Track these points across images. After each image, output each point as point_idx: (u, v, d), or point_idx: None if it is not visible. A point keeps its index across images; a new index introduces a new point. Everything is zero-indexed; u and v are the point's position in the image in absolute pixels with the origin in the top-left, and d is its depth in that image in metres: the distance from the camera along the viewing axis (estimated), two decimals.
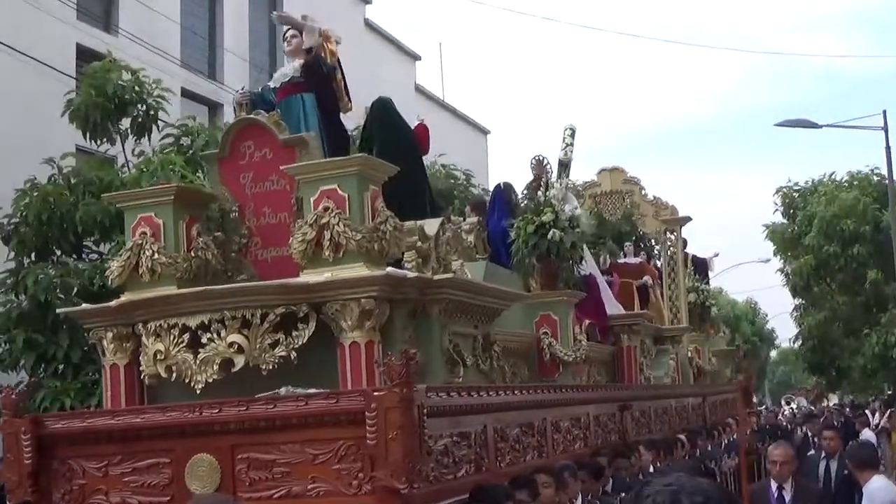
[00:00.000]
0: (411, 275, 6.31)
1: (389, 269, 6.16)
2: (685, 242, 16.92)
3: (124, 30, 16.27)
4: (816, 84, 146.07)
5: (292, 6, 21.08)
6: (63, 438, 6.03)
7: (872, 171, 26.11)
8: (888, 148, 20.70)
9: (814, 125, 20.86)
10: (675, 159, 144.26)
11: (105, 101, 11.94)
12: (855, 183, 26.25)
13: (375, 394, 5.23)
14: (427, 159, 17.71)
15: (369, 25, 25.18)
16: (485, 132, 32.08)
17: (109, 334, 6.69)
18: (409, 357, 5.26)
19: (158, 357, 6.21)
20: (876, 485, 7.38)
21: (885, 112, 20.63)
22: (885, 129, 20.57)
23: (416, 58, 27.84)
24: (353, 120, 8.92)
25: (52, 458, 6.03)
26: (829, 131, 21.21)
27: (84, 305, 6.83)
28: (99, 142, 12.51)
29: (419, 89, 27.47)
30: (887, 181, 21.78)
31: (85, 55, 15.24)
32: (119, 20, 16.41)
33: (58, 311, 6.86)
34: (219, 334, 6.04)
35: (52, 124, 13.77)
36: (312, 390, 5.81)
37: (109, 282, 6.83)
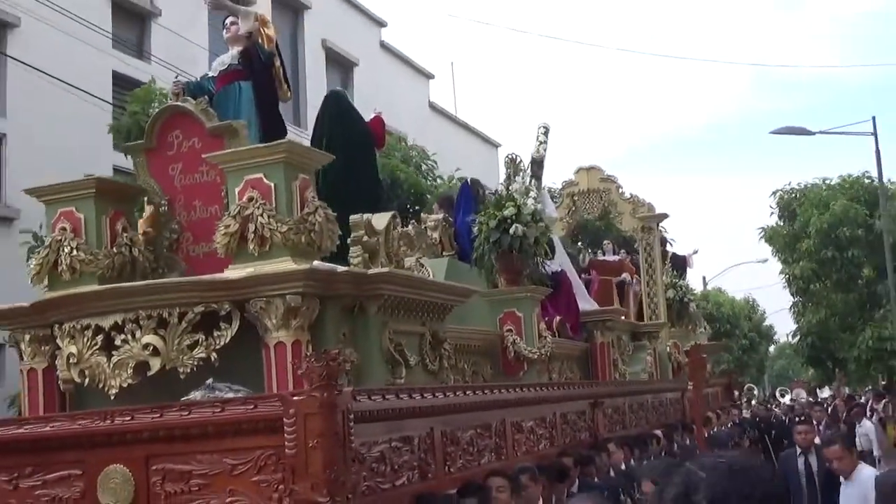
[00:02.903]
0: (340, 269, 5.52)
1: (316, 262, 5.37)
2: (664, 240, 16.19)
3: (156, 56, 15.89)
4: (809, 93, 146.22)
5: (312, 29, 20.62)
6: None
7: (864, 174, 26.08)
8: (878, 152, 20.76)
9: (808, 132, 20.67)
10: (677, 166, 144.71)
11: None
12: (847, 186, 26.24)
13: (294, 398, 4.45)
14: (444, 174, 17.38)
15: (384, 47, 24.79)
16: (496, 145, 31.41)
17: (27, 336, 5.92)
18: (331, 357, 4.48)
19: (72, 360, 5.44)
20: (867, 473, 6.73)
21: (874, 118, 20.55)
22: (875, 134, 20.42)
23: (429, 77, 27.30)
24: None
25: None
26: (822, 137, 20.89)
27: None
28: None
29: (433, 106, 27.04)
30: (878, 184, 22.03)
31: (120, 81, 14.99)
32: (151, 47, 15.96)
33: None
34: (133, 335, 5.26)
35: (91, 146, 13.18)
36: (236, 387, 5.06)
37: (30, 281, 6.04)
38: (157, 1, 15.83)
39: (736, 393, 22.90)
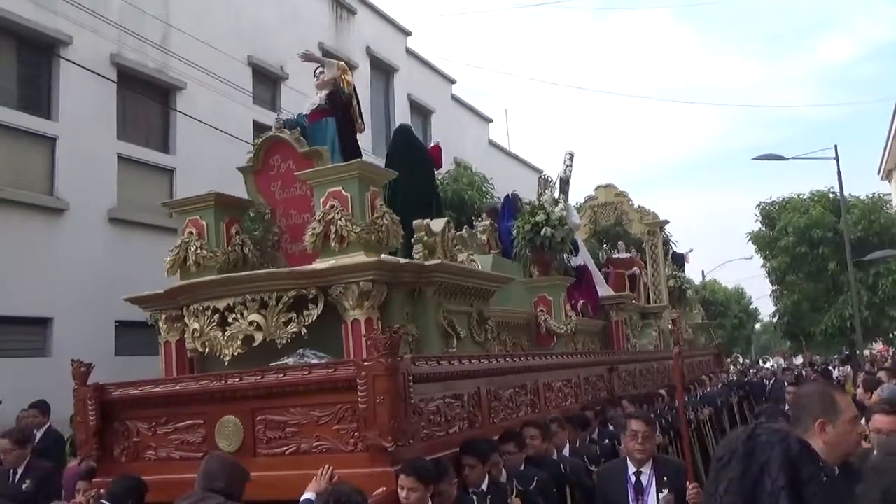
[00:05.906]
0: (403, 261, 5.25)
1: (383, 256, 5.11)
2: (666, 241, 15.67)
3: (286, 110, 16.27)
4: (780, 128, 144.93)
5: (400, 86, 20.71)
6: (121, 403, 5.13)
7: (829, 189, 25.88)
8: (839, 172, 20.36)
9: (782, 157, 20.07)
10: (682, 183, 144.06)
11: None
12: (815, 199, 26.00)
13: (365, 363, 4.22)
14: (499, 194, 17.21)
15: (455, 98, 24.88)
16: (538, 171, 31.27)
17: (163, 316, 5.76)
18: (394, 331, 4.25)
19: (195, 335, 5.25)
20: None
21: (836, 146, 20.24)
22: (837, 158, 20.10)
23: (488, 121, 27.26)
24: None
25: (112, 420, 5.15)
26: (793, 161, 20.52)
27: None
28: None
29: (491, 143, 27.01)
30: (839, 197, 21.69)
31: (258, 127, 15.40)
32: (281, 102, 16.27)
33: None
34: (242, 314, 5.06)
35: (237, 181, 13.37)
36: (320, 353, 4.84)
37: (165, 273, 5.89)
38: (286, 68, 15.95)
39: (727, 360, 22.43)
